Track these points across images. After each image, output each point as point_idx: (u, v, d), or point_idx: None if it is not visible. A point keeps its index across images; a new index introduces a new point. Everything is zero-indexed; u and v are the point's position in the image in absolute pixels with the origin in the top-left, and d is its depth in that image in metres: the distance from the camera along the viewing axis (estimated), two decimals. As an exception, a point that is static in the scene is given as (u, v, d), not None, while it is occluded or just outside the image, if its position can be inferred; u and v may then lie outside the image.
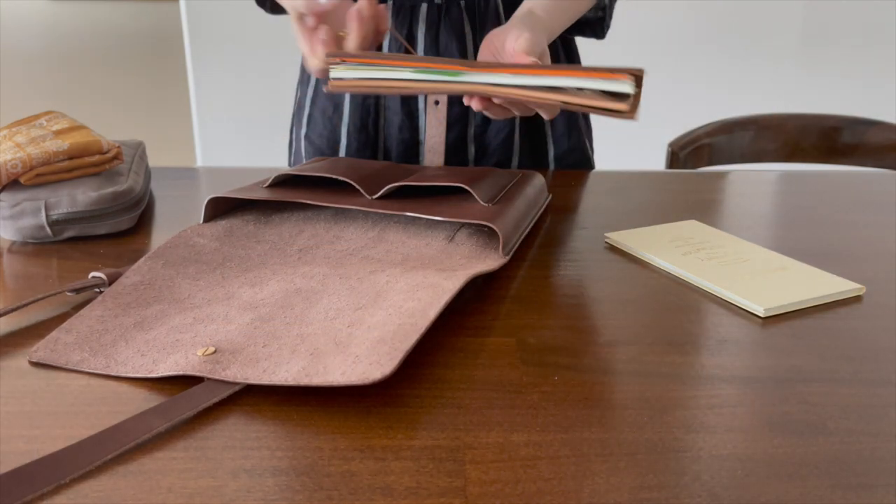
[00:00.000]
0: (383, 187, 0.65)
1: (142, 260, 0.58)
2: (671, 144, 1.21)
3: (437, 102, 0.84)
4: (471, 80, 0.57)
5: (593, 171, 0.94)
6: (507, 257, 0.61)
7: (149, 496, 0.36)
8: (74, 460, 0.38)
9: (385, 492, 0.36)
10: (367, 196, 0.65)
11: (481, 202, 0.64)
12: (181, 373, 0.44)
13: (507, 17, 0.87)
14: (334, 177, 0.67)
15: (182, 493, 0.36)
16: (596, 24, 0.88)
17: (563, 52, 0.93)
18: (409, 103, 0.87)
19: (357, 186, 0.66)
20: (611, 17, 0.87)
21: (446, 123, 0.86)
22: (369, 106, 0.89)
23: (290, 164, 1.02)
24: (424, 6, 0.83)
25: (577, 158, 0.96)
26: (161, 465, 0.38)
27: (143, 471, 0.38)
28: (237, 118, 2.20)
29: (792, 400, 0.45)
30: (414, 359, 0.48)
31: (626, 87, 0.51)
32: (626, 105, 0.51)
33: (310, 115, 0.94)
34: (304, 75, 0.97)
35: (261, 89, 2.15)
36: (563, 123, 0.94)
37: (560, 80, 0.55)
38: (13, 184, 0.66)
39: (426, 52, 0.85)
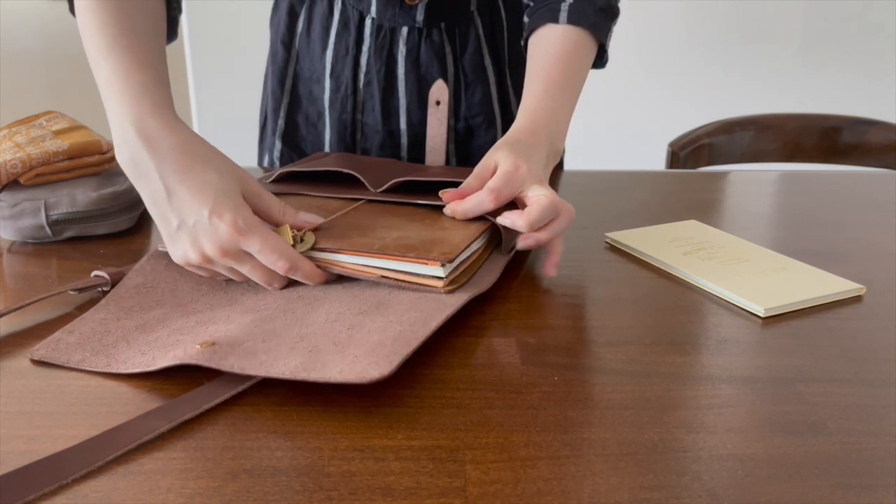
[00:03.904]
0: (387, 182, 0.66)
1: (144, 259, 0.58)
2: (671, 144, 1.21)
3: (438, 103, 0.84)
4: (308, 253, 0.56)
5: (593, 170, 0.94)
6: (507, 258, 0.61)
7: (149, 496, 0.36)
8: (75, 460, 0.38)
9: (385, 492, 0.36)
10: (372, 189, 0.66)
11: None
12: (179, 362, 0.44)
13: (488, 39, 0.84)
14: (340, 170, 0.68)
15: (182, 493, 0.36)
16: (595, 58, 0.81)
17: None
18: (389, 122, 0.85)
19: (362, 179, 0.66)
20: (608, 42, 0.79)
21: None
22: (346, 121, 0.87)
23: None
24: (405, 29, 0.82)
25: None
26: (161, 466, 0.38)
27: (143, 471, 0.38)
28: (237, 118, 2.20)
29: (792, 400, 0.45)
30: (414, 359, 0.48)
31: (437, 271, 0.53)
32: (441, 283, 0.53)
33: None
34: None
35: (260, 90, 2.15)
36: None
37: (376, 261, 0.55)
38: (13, 184, 0.66)
39: (406, 75, 0.83)
